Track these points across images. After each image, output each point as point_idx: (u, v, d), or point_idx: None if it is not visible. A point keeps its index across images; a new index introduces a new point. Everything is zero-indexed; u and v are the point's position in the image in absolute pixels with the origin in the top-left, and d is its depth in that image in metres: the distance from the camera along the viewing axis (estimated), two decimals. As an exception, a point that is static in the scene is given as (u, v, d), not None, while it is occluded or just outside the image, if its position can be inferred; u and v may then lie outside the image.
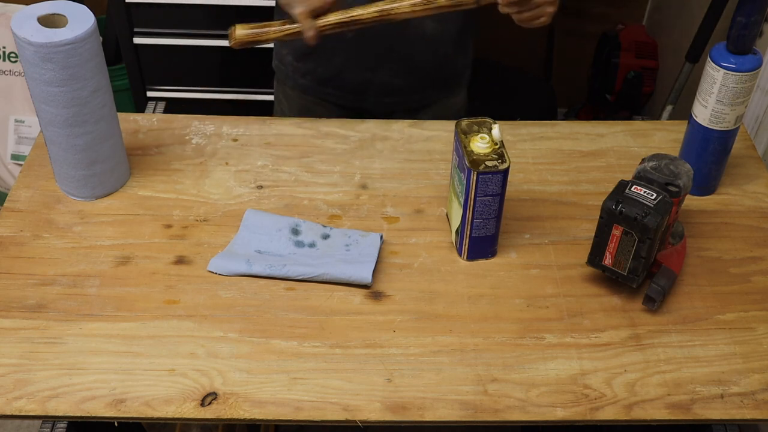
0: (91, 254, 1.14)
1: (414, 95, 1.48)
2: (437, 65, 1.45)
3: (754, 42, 1.14)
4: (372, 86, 1.44)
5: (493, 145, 1.08)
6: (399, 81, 1.44)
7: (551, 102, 2.55)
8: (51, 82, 1.09)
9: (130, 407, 0.96)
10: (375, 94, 1.45)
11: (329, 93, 1.47)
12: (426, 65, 1.44)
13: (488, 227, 1.12)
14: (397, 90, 1.45)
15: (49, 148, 1.19)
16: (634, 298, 1.10)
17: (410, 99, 1.48)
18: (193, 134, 1.35)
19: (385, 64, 1.41)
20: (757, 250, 1.18)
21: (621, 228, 1.04)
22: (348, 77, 1.44)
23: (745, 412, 0.98)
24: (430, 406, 0.98)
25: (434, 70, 1.46)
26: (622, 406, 0.98)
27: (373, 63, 1.41)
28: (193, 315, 1.07)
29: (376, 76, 1.43)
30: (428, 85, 1.48)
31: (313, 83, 1.47)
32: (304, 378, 1.00)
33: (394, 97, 1.46)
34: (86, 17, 1.10)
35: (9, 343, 1.02)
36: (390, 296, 1.10)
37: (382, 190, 1.26)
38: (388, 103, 1.47)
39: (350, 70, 1.43)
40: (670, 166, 1.08)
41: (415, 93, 1.47)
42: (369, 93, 1.46)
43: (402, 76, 1.43)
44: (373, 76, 1.43)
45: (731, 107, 1.17)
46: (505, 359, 1.03)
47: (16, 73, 2.23)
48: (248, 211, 1.20)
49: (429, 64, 1.44)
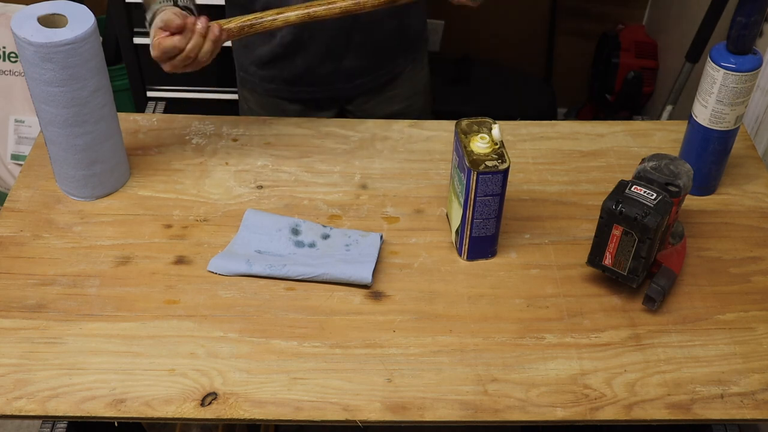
0: (91, 254, 1.14)
1: (381, 70, 1.50)
2: (397, 33, 1.47)
3: (754, 42, 1.14)
4: (341, 73, 1.46)
5: (493, 145, 1.08)
6: (365, 61, 1.46)
7: (551, 102, 2.55)
8: (51, 82, 1.09)
9: (130, 407, 0.96)
10: (344, 79, 1.47)
11: (299, 90, 1.50)
12: (387, 36, 1.45)
13: (488, 227, 1.12)
14: (366, 70, 1.48)
15: (49, 148, 1.19)
16: (634, 298, 1.10)
17: (379, 75, 1.50)
18: (193, 134, 1.35)
19: (351, 48, 1.43)
20: (757, 250, 1.18)
21: (621, 228, 1.04)
22: (317, 71, 1.46)
23: (745, 412, 0.98)
24: (430, 406, 0.98)
25: (395, 39, 1.48)
26: (622, 406, 0.98)
27: (340, 51, 1.43)
28: (193, 315, 1.07)
29: (343, 63, 1.45)
30: (393, 55, 1.50)
31: (281, 85, 1.49)
32: (304, 378, 1.00)
33: (363, 77, 1.49)
34: (86, 17, 1.10)
35: (9, 343, 1.02)
36: (390, 296, 1.10)
37: (382, 190, 1.26)
38: (358, 85, 1.49)
39: (317, 65, 1.45)
40: (670, 166, 1.08)
41: (382, 68, 1.50)
42: (339, 80, 1.47)
43: (368, 56, 1.46)
44: (341, 64, 1.45)
45: (731, 107, 1.17)
46: (505, 359, 1.03)
47: (16, 73, 2.23)
48: (248, 211, 1.20)
49: (390, 34, 1.45)
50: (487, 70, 2.58)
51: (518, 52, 2.64)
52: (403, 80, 1.54)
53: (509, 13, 2.57)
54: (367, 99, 1.53)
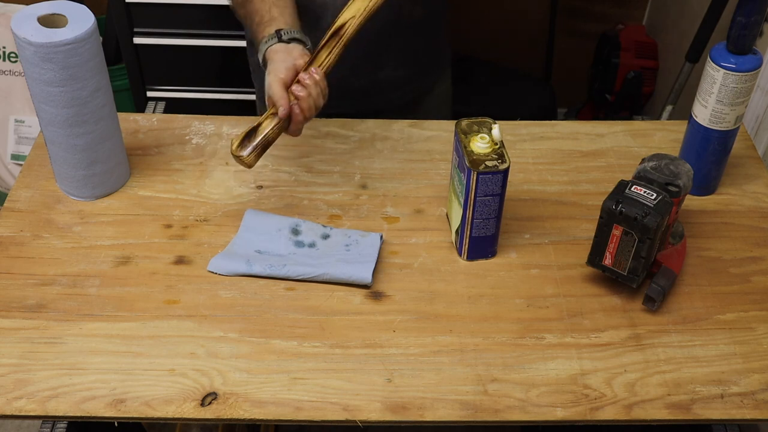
0: (91, 254, 1.14)
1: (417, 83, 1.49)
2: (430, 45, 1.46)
3: (754, 42, 1.14)
4: (376, 85, 1.44)
5: (493, 145, 1.08)
6: (401, 72, 1.44)
7: (551, 102, 2.55)
8: (51, 82, 1.09)
9: (130, 407, 0.96)
10: (379, 91, 1.45)
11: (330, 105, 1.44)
12: (420, 50, 1.45)
13: (488, 227, 1.12)
14: (402, 82, 1.45)
15: (49, 148, 1.19)
16: (634, 298, 1.10)
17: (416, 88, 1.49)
18: (193, 134, 1.35)
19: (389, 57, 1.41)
20: (757, 250, 1.18)
21: (621, 228, 1.04)
22: (353, 83, 1.42)
23: (745, 412, 0.98)
24: (430, 406, 0.98)
25: (428, 51, 1.47)
26: (622, 406, 0.98)
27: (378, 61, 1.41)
28: (193, 315, 1.07)
29: (380, 74, 1.42)
30: (425, 71, 1.49)
31: None
32: (304, 378, 1.00)
33: (404, 91, 1.47)
34: (86, 17, 1.10)
35: (9, 343, 1.02)
36: (390, 296, 1.10)
37: (382, 190, 1.26)
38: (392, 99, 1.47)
39: (353, 76, 1.40)
40: (670, 166, 1.08)
41: (418, 82, 1.48)
42: (372, 93, 1.45)
43: (404, 67, 1.44)
44: (378, 75, 1.42)
45: (731, 107, 1.17)
46: (505, 359, 1.03)
47: (16, 73, 2.23)
48: (248, 211, 1.20)
49: (423, 48, 1.45)
50: (487, 70, 2.58)
51: (518, 52, 2.64)
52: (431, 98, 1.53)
53: (509, 13, 2.57)
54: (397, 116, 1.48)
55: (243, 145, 1.10)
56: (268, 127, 1.11)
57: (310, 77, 1.12)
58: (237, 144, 1.10)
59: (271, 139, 1.11)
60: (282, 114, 1.10)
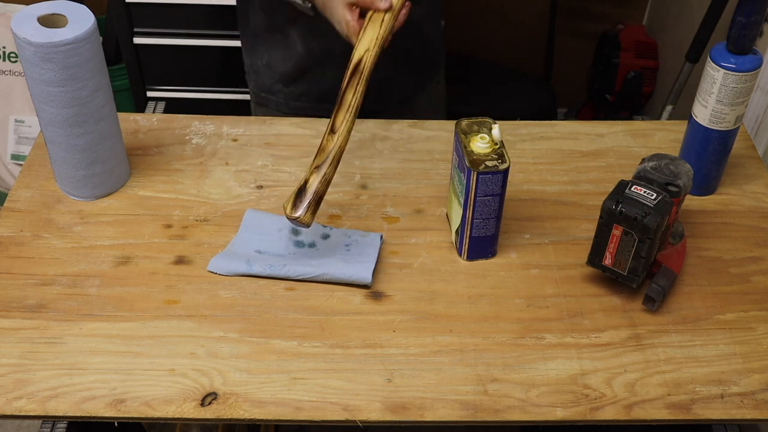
0: (91, 254, 1.14)
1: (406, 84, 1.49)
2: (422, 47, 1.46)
3: (754, 42, 1.14)
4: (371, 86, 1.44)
5: (493, 145, 1.08)
6: (394, 73, 1.44)
7: (551, 102, 2.55)
8: (51, 82, 1.09)
9: (130, 407, 0.96)
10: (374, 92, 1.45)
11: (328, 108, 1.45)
12: (413, 49, 1.44)
13: (488, 227, 1.12)
14: (395, 83, 1.46)
15: (49, 148, 1.19)
16: (634, 298, 1.10)
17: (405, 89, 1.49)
18: (193, 134, 1.35)
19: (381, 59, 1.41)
20: (757, 250, 1.18)
21: (621, 228, 1.04)
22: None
23: (745, 412, 0.98)
24: (430, 406, 0.98)
25: (420, 52, 1.47)
26: (622, 406, 0.98)
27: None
28: (193, 315, 1.07)
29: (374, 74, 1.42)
30: (418, 69, 1.49)
31: (309, 102, 1.47)
32: (304, 378, 1.00)
33: (392, 92, 1.47)
34: (86, 17, 1.10)
35: (9, 343, 1.03)
36: (390, 296, 1.10)
37: (382, 190, 1.26)
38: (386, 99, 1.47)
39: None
40: (670, 166, 1.08)
41: (406, 82, 1.49)
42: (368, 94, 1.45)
43: (397, 67, 1.43)
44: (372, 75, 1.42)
45: (731, 107, 1.17)
46: (505, 359, 1.03)
47: (16, 73, 2.24)
48: (248, 211, 1.20)
49: (415, 47, 1.45)
50: (487, 70, 2.58)
51: (518, 52, 2.64)
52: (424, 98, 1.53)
53: (509, 13, 2.57)
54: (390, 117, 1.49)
55: (296, 206, 1.08)
56: (315, 182, 1.09)
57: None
58: (290, 206, 1.08)
59: (321, 192, 1.09)
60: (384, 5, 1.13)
